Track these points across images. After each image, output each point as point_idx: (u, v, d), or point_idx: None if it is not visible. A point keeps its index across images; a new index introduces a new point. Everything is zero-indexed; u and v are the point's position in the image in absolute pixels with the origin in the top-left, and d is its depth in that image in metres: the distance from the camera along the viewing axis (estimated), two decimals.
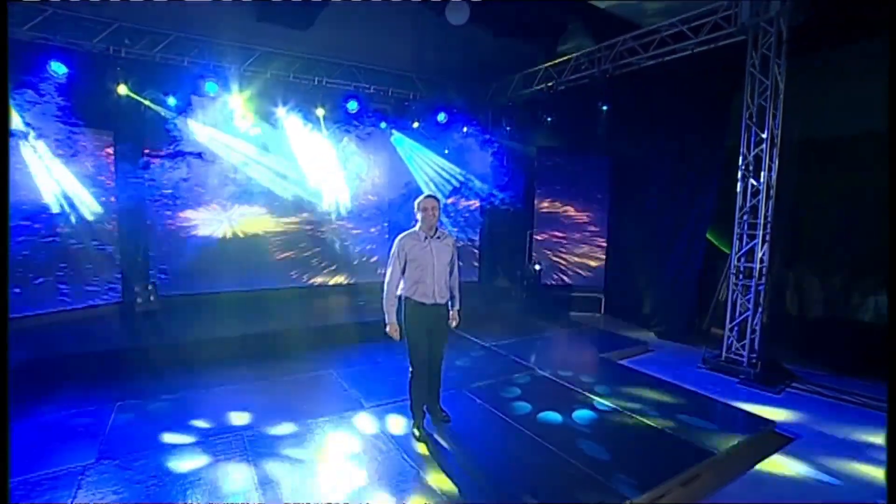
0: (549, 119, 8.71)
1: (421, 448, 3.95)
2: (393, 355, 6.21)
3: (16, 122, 6.26)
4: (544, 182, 9.15)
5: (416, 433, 4.09)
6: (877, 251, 6.57)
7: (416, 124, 9.12)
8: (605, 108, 8.03)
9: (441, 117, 9.20)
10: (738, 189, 6.10)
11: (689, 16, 6.48)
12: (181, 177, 7.47)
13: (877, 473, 3.84)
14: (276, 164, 8.25)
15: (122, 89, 6.81)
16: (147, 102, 7.12)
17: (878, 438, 4.36)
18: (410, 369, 4.08)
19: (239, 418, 4.36)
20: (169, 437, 4.01)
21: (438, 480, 3.51)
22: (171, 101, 7.17)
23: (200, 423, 4.25)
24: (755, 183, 5.94)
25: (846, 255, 6.95)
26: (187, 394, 4.92)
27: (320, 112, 8.17)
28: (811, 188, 6.76)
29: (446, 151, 9.66)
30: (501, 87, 9.51)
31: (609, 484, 3.53)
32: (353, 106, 8.38)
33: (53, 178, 6.70)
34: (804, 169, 6.67)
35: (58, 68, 6.39)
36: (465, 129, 9.49)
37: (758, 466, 3.99)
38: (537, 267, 8.82)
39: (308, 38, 8.39)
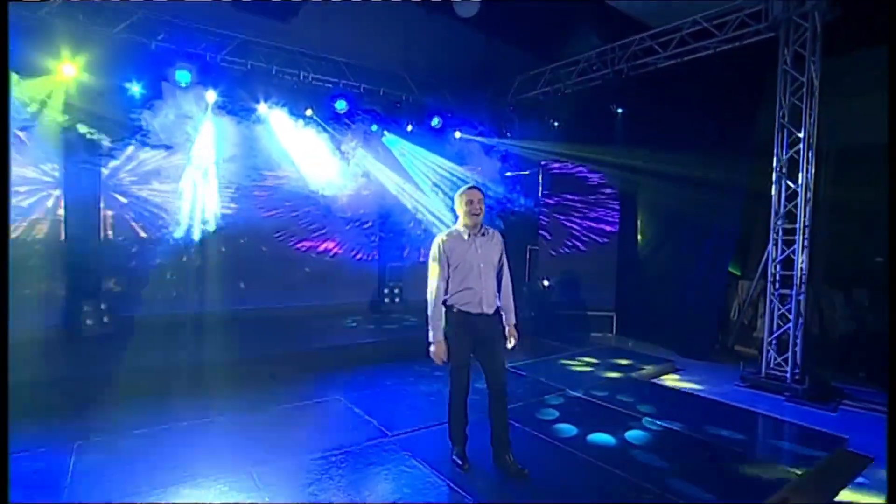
0: (556, 124, 8.67)
1: (471, 477, 3.55)
2: (403, 378, 5.88)
3: None
4: (550, 191, 9.05)
5: (459, 461, 3.71)
6: None
7: (409, 127, 8.87)
8: (619, 111, 8.04)
9: (435, 122, 9.01)
10: (773, 192, 6.13)
11: (712, 13, 6.62)
12: (147, 172, 6.84)
13: None
14: (262, 164, 7.75)
15: (71, 68, 6.18)
16: (103, 84, 6.51)
17: None
18: (450, 391, 3.68)
19: (242, 454, 3.79)
20: (156, 481, 3.41)
21: None
22: (135, 86, 6.61)
23: (194, 462, 3.67)
24: (791, 185, 5.99)
25: (876, 268, 7.10)
26: (166, 428, 4.31)
27: (308, 112, 7.80)
28: (839, 196, 6.92)
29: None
30: (501, 90, 9.46)
31: None
32: (341, 105, 8.07)
33: None
34: (833, 176, 6.83)
35: None
36: (457, 135, 9.33)
37: (849, 490, 3.79)
38: (546, 283, 8.61)
39: (292, 31, 8.09)
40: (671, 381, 6.38)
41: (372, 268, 8.94)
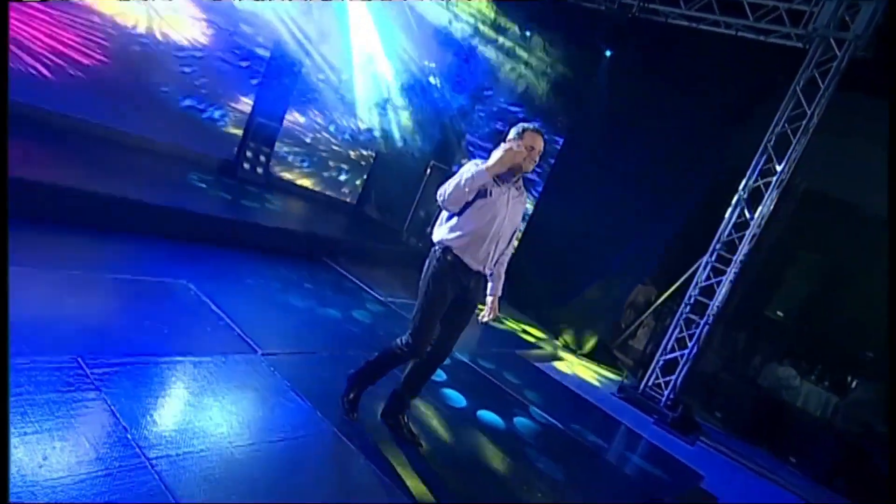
0: (529, 34, 8.61)
1: (360, 430, 3.69)
2: (267, 280, 5.75)
3: None
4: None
5: (348, 407, 3.78)
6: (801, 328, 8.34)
7: None
8: (608, 53, 8.25)
9: None
10: (726, 215, 6.97)
11: None
12: None
13: None
14: None
15: None
16: None
17: None
18: (402, 343, 3.65)
19: (64, 335, 3.28)
20: None
21: (407, 476, 3.44)
22: None
23: None
24: (747, 214, 6.86)
25: (763, 317, 8.60)
26: None
27: None
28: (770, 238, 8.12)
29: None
30: None
31: None
32: None
33: None
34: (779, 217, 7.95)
35: None
36: None
37: None
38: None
39: None
40: (554, 371, 7.13)
41: (238, 118, 8.06)
